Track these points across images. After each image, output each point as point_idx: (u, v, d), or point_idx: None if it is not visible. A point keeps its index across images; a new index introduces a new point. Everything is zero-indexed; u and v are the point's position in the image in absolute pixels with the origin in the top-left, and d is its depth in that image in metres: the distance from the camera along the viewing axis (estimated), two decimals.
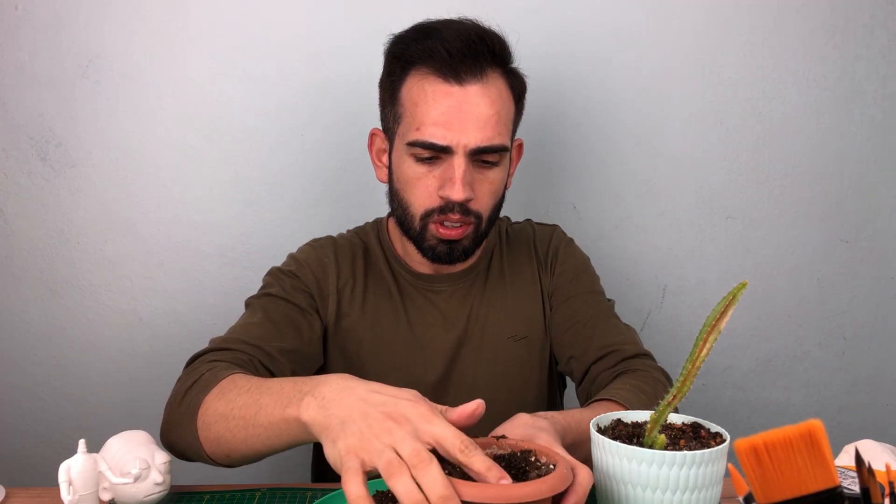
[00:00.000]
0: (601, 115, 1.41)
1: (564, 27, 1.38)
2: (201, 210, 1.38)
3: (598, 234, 1.44)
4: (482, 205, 1.02)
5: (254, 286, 1.16)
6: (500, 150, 1.00)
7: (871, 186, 1.47)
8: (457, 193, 0.97)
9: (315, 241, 1.16)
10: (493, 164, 1.01)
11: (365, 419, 0.65)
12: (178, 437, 0.87)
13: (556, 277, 1.14)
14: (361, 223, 1.20)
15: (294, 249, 1.17)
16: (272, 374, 0.97)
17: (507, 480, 0.61)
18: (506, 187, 1.09)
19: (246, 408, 0.78)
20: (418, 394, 0.68)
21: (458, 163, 0.97)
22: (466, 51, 0.96)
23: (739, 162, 1.44)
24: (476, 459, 0.61)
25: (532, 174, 1.41)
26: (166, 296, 1.40)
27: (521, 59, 1.00)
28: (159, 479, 0.81)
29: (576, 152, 1.41)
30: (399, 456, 0.62)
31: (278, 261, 1.17)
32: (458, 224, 1.01)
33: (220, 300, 1.40)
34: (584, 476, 0.65)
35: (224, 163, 1.37)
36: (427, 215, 1.01)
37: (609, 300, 1.15)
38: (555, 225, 1.21)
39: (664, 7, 1.39)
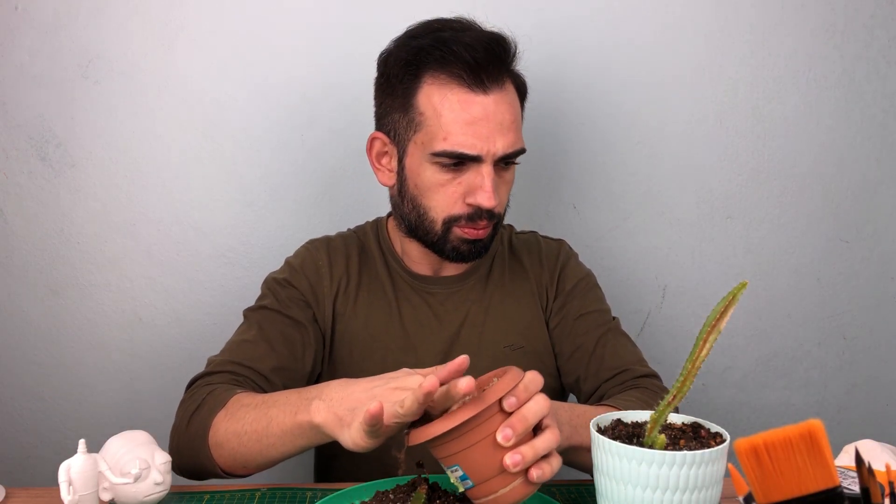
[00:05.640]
0: (601, 116, 1.41)
1: (565, 27, 1.38)
2: (201, 210, 1.38)
3: (598, 234, 1.44)
4: (502, 205, 1.06)
5: (253, 286, 1.17)
6: (520, 154, 1.03)
7: (871, 186, 1.47)
8: (488, 201, 0.99)
9: (311, 242, 1.16)
10: (510, 165, 1.04)
11: (371, 397, 0.75)
12: (190, 460, 0.92)
13: (565, 294, 1.13)
14: (361, 223, 1.20)
15: (293, 250, 1.17)
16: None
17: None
18: None
19: (257, 422, 0.85)
20: (408, 370, 0.79)
21: (487, 171, 0.99)
22: (490, 58, 0.97)
23: (739, 162, 1.44)
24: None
25: (532, 174, 1.41)
26: (166, 296, 1.40)
27: (522, 60, 1.00)
28: (159, 479, 0.81)
29: (576, 152, 1.41)
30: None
31: (278, 261, 1.17)
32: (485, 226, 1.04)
33: (220, 300, 1.40)
34: (529, 378, 0.71)
35: (224, 163, 1.37)
36: (451, 220, 1.02)
37: (614, 318, 1.14)
38: (561, 240, 1.21)
39: (664, 7, 1.39)
